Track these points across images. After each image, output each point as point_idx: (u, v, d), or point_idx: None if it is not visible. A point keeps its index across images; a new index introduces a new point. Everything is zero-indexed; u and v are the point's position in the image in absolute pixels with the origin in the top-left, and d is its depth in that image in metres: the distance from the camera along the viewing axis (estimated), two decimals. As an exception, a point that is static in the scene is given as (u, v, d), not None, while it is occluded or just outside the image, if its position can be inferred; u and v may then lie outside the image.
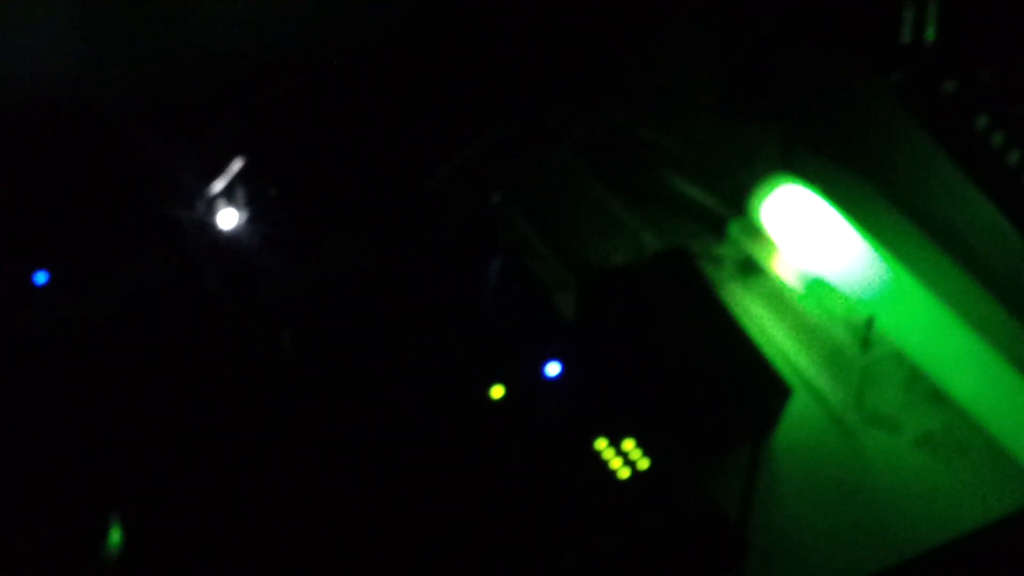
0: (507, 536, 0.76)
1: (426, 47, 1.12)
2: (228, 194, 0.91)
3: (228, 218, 0.90)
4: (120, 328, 0.87)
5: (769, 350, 0.88)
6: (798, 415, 0.88)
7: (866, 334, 0.86)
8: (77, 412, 0.81)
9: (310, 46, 1.10)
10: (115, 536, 0.74)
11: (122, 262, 0.90)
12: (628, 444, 0.80)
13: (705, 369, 0.85)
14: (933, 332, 0.87)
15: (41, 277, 0.88)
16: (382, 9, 1.13)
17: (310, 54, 1.09)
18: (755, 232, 0.96)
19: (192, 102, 1.01)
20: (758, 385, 0.85)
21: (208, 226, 0.90)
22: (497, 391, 0.83)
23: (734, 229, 0.97)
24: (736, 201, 0.98)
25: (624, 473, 0.79)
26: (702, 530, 0.77)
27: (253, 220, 0.91)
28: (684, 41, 1.12)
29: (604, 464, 0.79)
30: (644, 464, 0.79)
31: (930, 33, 1.04)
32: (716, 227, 1.00)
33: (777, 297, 0.96)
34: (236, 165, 0.92)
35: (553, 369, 0.84)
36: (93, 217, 0.92)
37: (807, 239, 0.93)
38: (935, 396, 0.89)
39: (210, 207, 0.90)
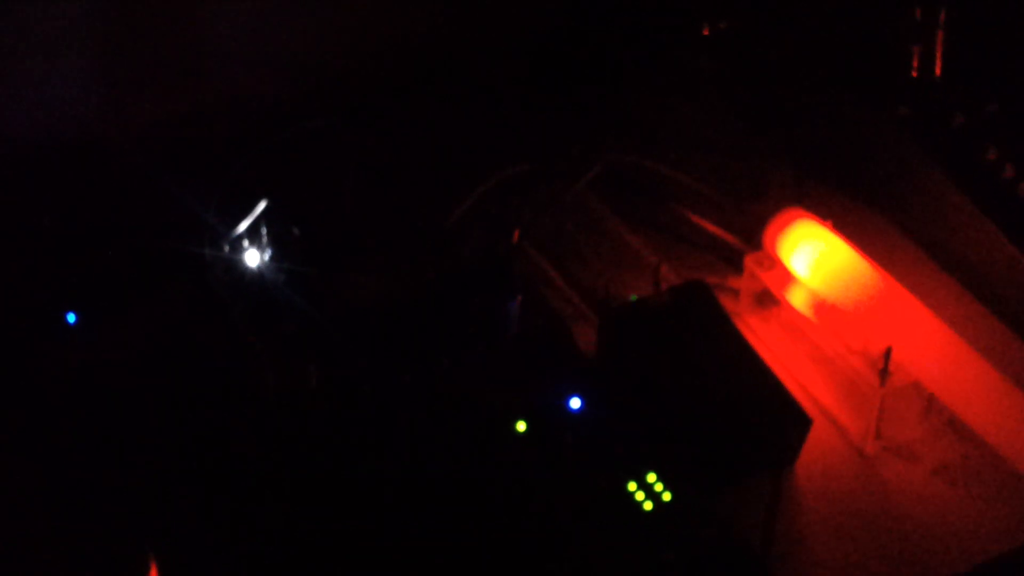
0: (533, 569, 0.77)
1: (442, 87, 1.14)
2: (252, 234, 0.93)
3: (252, 257, 0.92)
4: (148, 366, 0.88)
5: (788, 381, 0.89)
6: (817, 445, 0.89)
7: (883, 365, 0.87)
8: (108, 446, 0.83)
9: (329, 87, 1.12)
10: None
11: (149, 301, 0.91)
12: (651, 477, 0.81)
13: (726, 400, 0.86)
14: (949, 362, 0.88)
15: (70, 317, 0.90)
16: (398, 51, 1.15)
17: (329, 95, 1.11)
18: (771, 265, 0.97)
19: (216, 144, 1.02)
20: (779, 415, 0.86)
21: (233, 265, 0.92)
22: (520, 426, 0.84)
23: (750, 262, 0.98)
24: (751, 235, 0.99)
25: (648, 505, 0.80)
26: (725, 561, 0.78)
27: (277, 259, 0.93)
28: (697, 78, 1.14)
29: (629, 496, 0.80)
30: (667, 496, 0.80)
31: (937, 68, 1.05)
32: (732, 260, 1.01)
33: (794, 329, 0.97)
34: (260, 206, 0.93)
35: (575, 403, 0.85)
36: (120, 257, 0.94)
37: (822, 271, 0.94)
38: (952, 425, 0.90)
39: (235, 247, 0.92)
